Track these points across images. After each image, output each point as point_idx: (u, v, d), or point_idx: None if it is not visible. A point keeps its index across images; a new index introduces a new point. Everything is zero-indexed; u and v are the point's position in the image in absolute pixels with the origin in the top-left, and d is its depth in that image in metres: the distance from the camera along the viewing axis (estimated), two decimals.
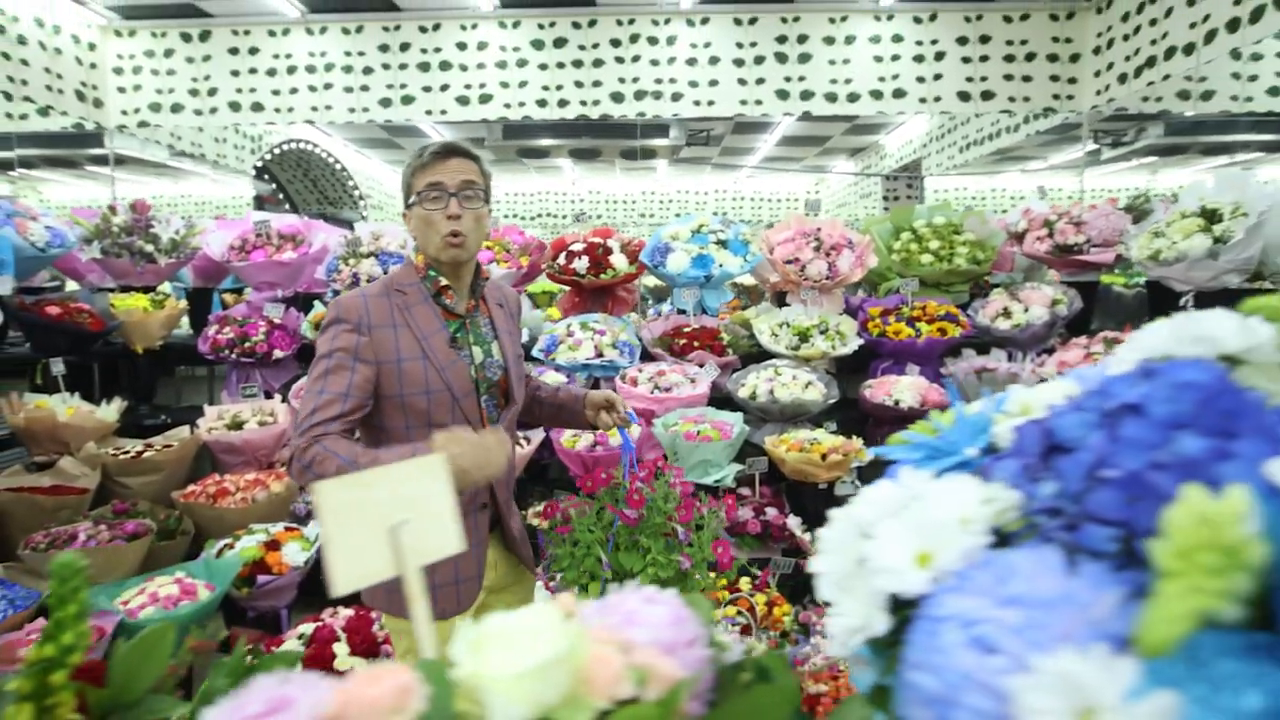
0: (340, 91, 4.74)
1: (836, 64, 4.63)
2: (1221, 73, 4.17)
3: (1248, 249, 2.87)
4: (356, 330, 1.45)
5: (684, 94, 4.69)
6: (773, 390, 3.36)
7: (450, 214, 1.46)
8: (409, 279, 1.54)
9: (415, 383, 1.46)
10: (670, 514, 1.50)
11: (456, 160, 1.47)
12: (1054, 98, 4.60)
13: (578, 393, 1.75)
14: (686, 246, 4.05)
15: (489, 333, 1.60)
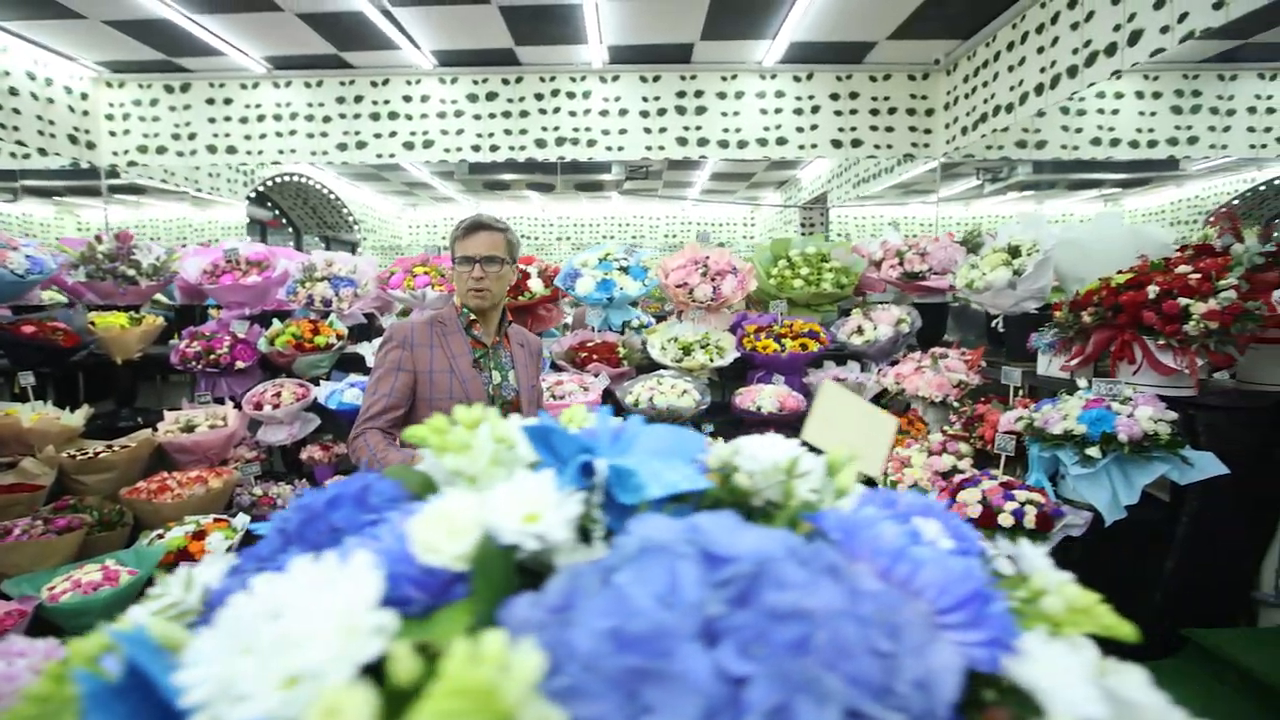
0: (303, 137, 4.72)
1: (728, 115, 4.65)
2: (1052, 125, 4.22)
3: (1038, 280, 2.91)
4: (401, 347, 1.70)
5: (597, 140, 4.70)
6: (652, 397, 3.37)
7: (475, 276, 1.70)
8: (449, 315, 1.79)
9: (442, 390, 1.66)
10: None
11: (482, 235, 1.71)
12: (913, 145, 4.64)
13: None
14: (593, 272, 4.05)
15: (508, 363, 1.78)
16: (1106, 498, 2.03)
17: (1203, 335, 2.02)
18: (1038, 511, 2.10)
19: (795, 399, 3.45)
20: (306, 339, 3.69)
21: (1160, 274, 2.20)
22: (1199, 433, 2.07)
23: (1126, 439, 2.01)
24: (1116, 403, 2.13)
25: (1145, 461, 2.01)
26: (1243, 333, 2.00)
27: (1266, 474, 2.10)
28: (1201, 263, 2.17)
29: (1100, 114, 4.16)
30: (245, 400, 3.73)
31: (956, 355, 3.39)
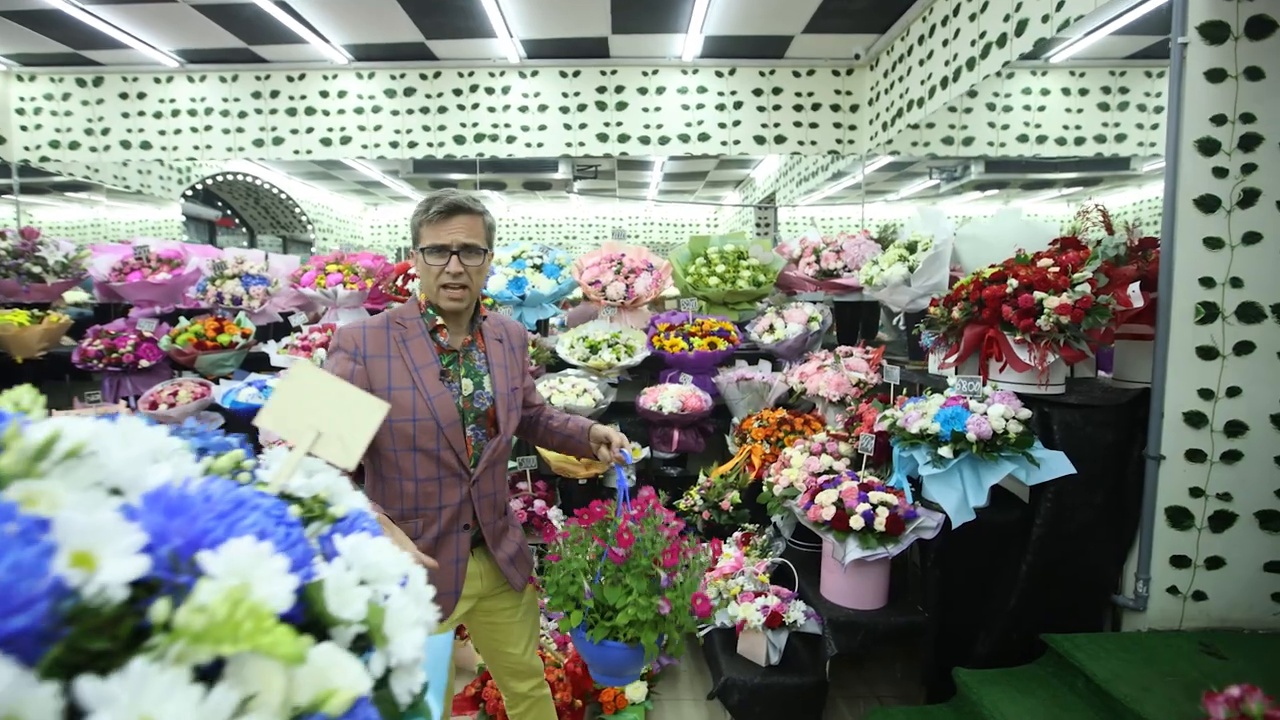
0: (219, 132, 4.61)
1: (649, 111, 4.56)
2: (978, 122, 4.13)
3: (932, 276, 2.81)
4: (353, 359, 1.40)
5: (517, 136, 4.60)
6: (550, 397, 3.25)
7: (451, 270, 1.38)
8: (410, 314, 1.47)
9: (404, 410, 1.38)
10: (656, 556, 1.32)
11: (460, 219, 1.37)
12: (837, 142, 4.56)
13: (584, 424, 1.61)
14: (506, 270, 3.93)
15: (482, 366, 1.49)
16: (956, 499, 1.93)
17: (1054, 330, 1.93)
18: (889, 513, 2.00)
19: (699, 398, 3.34)
20: (209, 337, 3.57)
21: (1024, 267, 2.11)
22: (1054, 432, 1.97)
23: (975, 437, 1.91)
24: (975, 400, 2.04)
25: (994, 461, 1.91)
26: (1094, 328, 1.90)
27: (1125, 473, 2.01)
28: (1064, 256, 2.08)
29: (1027, 110, 4.08)
30: (141, 400, 3.60)
31: (860, 354, 3.30)
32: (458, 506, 1.42)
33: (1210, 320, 1.87)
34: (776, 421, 2.99)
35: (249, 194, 8.07)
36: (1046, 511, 1.97)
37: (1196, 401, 1.89)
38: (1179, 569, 1.94)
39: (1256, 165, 1.84)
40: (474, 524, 1.47)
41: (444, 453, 1.38)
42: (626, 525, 1.35)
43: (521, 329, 1.65)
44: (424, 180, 8.08)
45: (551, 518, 3.01)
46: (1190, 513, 1.92)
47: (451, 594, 1.45)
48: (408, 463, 1.38)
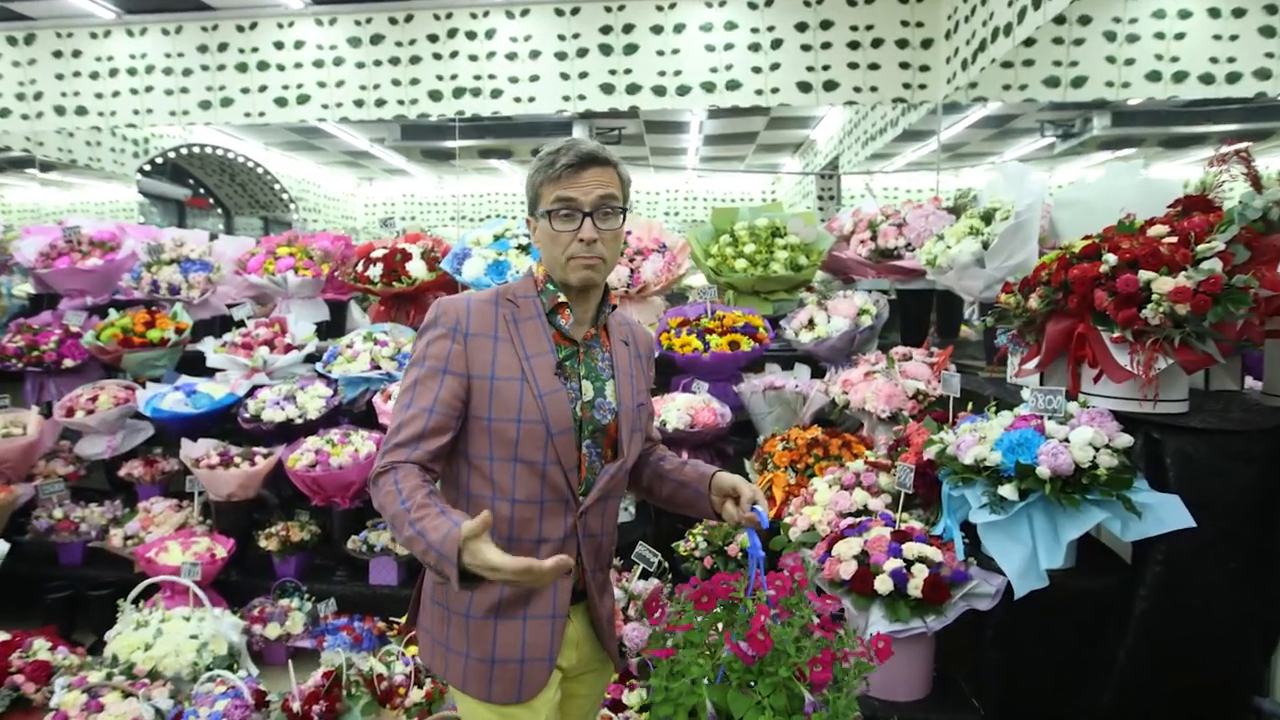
0: (160, 94, 4.69)
1: (665, 55, 4.37)
2: (1093, 56, 3.79)
3: (1013, 255, 2.54)
4: (450, 336, 1.32)
5: (504, 90, 4.49)
6: None
7: (585, 237, 1.30)
8: (525, 290, 1.40)
9: (508, 406, 1.30)
10: (801, 666, 1.16)
11: (594, 171, 1.30)
12: (905, 88, 4.25)
13: (705, 471, 1.48)
14: (485, 252, 3.82)
15: (605, 369, 1.42)
16: (1022, 557, 1.68)
17: (1166, 324, 1.64)
18: (929, 574, 1.75)
19: (713, 412, 3.13)
20: (137, 332, 3.58)
21: (1127, 238, 1.83)
22: (1168, 467, 1.68)
23: (1050, 473, 1.65)
24: (1054, 421, 1.77)
25: (1077, 507, 1.64)
26: (1226, 320, 1.61)
27: (1275, 527, 1.70)
28: (1186, 221, 1.78)
29: (1159, 39, 3.69)
30: (58, 406, 3.64)
31: (922, 357, 3.02)
32: (560, 543, 1.33)
33: None
34: (806, 443, 2.74)
35: (222, 169, 8.27)
36: (1155, 578, 1.68)
37: None
38: None
39: None
40: (576, 570, 1.36)
41: (550, 468, 1.31)
42: (763, 621, 1.17)
43: (649, 336, 1.58)
44: (414, 149, 8.15)
45: None
46: None
47: (545, 662, 1.32)
48: (505, 477, 1.30)
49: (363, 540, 3.10)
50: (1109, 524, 1.63)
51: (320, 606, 2.97)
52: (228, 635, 2.60)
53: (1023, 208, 2.49)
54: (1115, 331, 1.74)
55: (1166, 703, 1.72)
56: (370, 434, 3.22)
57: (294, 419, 3.24)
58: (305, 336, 3.72)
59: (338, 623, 2.89)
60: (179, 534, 3.12)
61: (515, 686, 1.30)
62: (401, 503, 1.19)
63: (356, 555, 3.08)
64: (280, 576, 3.10)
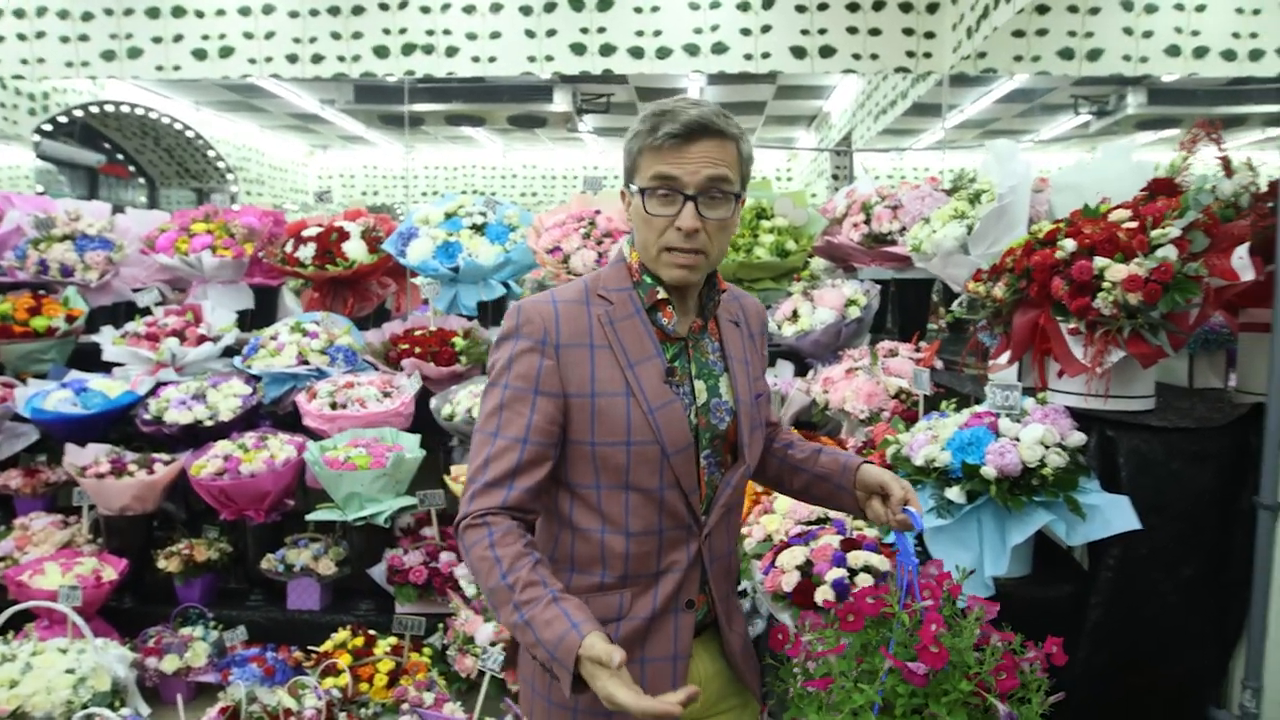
0: (54, 42, 4.83)
1: (643, 12, 4.57)
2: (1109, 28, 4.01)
3: (998, 241, 2.74)
4: (539, 349, 1.28)
5: (460, 48, 4.69)
6: (472, 409, 3.30)
7: (683, 225, 1.24)
8: (618, 282, 1.35)
9: (614, 428, 1.27)
10: (983, 677, 1.16)
11: (705, 144, 1.24)
12: (908, 55, 4.46)
13: (845, 461, 1.45)
14: (434, 232, 4.02)
15: (717, 363, 1.39)
16: (969, 563, 1.86)
17: (1118, 314, 1.84)
18: (873, 585, 1.95)
19: None
20: (19, 320, 3.75)
21: (1090, 222, 2.03)
22: (1120, 466, 1.88)
23: (996, 473, 1.84)
24: (1009, 419, 1.97)
25: (1024, 509, 1.84)
26: (1175, 310, 1.81)
27: (1231, 532, 1.89)
28: (1150, 206, 1.98)
29: (1179, 11, 3.91)
30: None
31: (909, 352, 3.22)
32: (683, 573, 1.32)
33: None
34: None
35: (144, 132, 8.44)
36: (1108, 585, 1.88)
37: None
38: None
39: None
40: (701, 600, 1.37)
41: (668, 493, 1.29)
42: (933, 632, 1.17)
43: (759, 306, 1.54)
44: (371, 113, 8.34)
45: (461, 577, 3.05)
46: None
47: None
48: (616, 507, 1.29)
49: (280, 559, 3.15)
50: (1054, 526, 1.82)
51: (228, 635, 3.02)
52: (112, 669, 2.62)
53: (1005, 189, 2.69)
54: (1071, 322, 1.94)
55: (1119, 713, 1.91)
56: (291, 438, 3.35)
57: (203, 421, 3.32)
58: (223, 327, 3.85)
59: (248, 653, 2.95)
60: (60, 554, 3.14)
61: None
62: (502, 577, 1.17)
63: (273, 576, 3.14)
64: (183, 602, 3.16)
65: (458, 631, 2.77)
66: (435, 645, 2.92)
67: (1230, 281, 1.82)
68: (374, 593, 3.17)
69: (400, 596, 3.07)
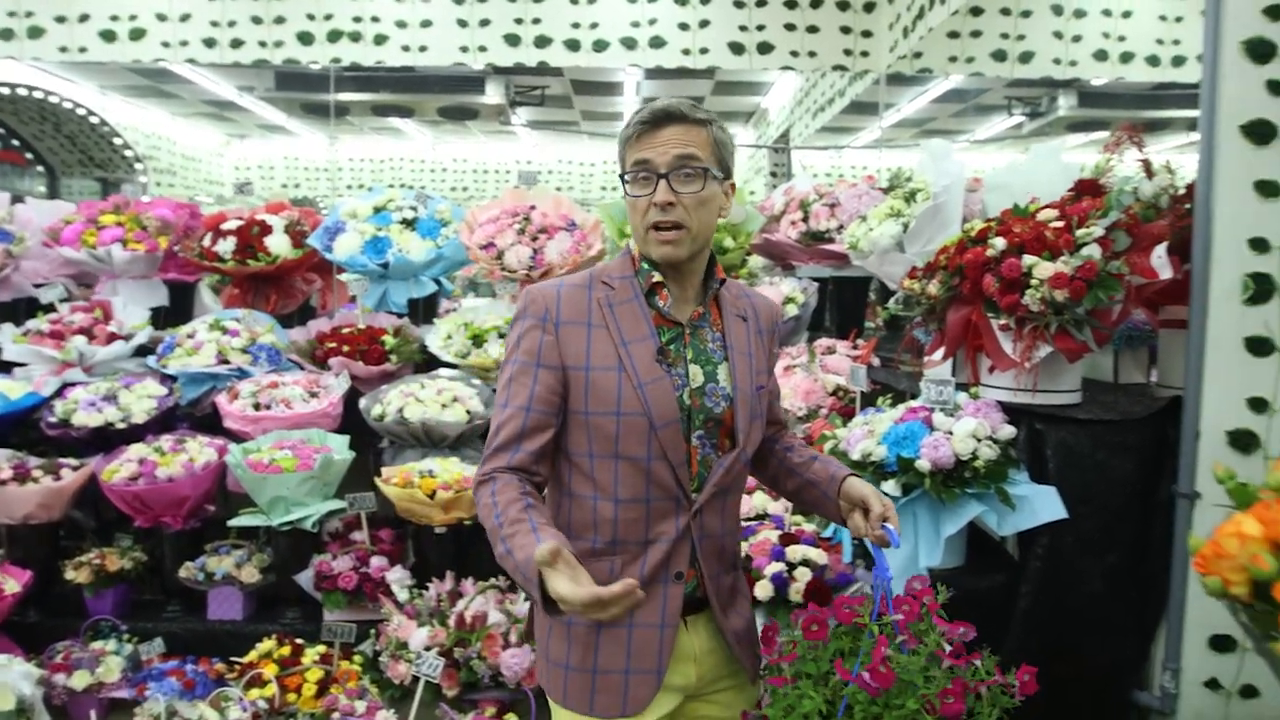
0: None
1: (580, 4, 4.60)
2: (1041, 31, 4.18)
3: (933, 239, 2.85)
4: (541, 326, 1.45)
5: (389, 36, 4.65)
6: (404, 409, 3.28)
7: (660, 200, 1.39)
8: (621, 270, 1.51)
9: (605, 400, 1.42)
10: (930, 699, 1.26)
11: (674, 129, 1.41)
12: (846, 54, 4.60)
13: (834, 472, 1.59)
14: (361, 226, 3.98)
15: (717, 350, 1.52)
16: (903, 556, 1.95)
17: (1046, 310, 1.94)
18: (811, 578, 2.02)
19: None
20: None
21: (1020, 221, 2.13)
22: (1048, 459, 1.98)
23: (930, 466, 1.92)
24: (943, 413, 2.05)
25: (957, 500, 1.93)
26: (1099, 307, 1.92)
27: (1152, 521, 2.01)
28: (1076, 206, 2.10)
29: (1106, 17, 4.11)
30: None
31: (847, 349, 3.32)
32: (670, 544, 1.44)
33: (1263, 299, 1.89)
34: None
35: (44, 117, 8.12)
36: (1037, 574, 1.98)
37: (1244, 415, 1.90)
38: (1221, 653, 1.95)
39: None
40: (691, 574, 1.47)
41: (655, 464, 1.42)
42: (884, 653, 1.29)
43: (773, 307, 1.67)
44: (294, 102, 8.18)
45: (393, 581, 3.03)
46: None
47: (653, 673, 1.42)
48: (606, 475, 1.44)
49: (199, 567, 3.07)
50: (986, 517, 1.91)
51: (144, 648, 2.94)
52: (16, 687, 2.55)
53: (939, 189, 2.80)
54: (1002, 318, 2.04)
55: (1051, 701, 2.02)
56: (212, 440, 3.27)
57: (115, 423, 3.23)
58: (135, 324, 3.75)
59: (165, 666, 2.87)
60: None
61: (620, 699, 1.41)
62: (496, 517, 1.33)
63: (192, 585, 3.06)
64: (94, 614, 3.06)
65: (390, 637, 2.75)
66: (366, 652, 2.89)
67: (1150, 279, 1.94)
68: (301, 600, 3.12)
69: (329, 603, 3.03)
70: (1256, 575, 0.77)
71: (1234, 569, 0.80)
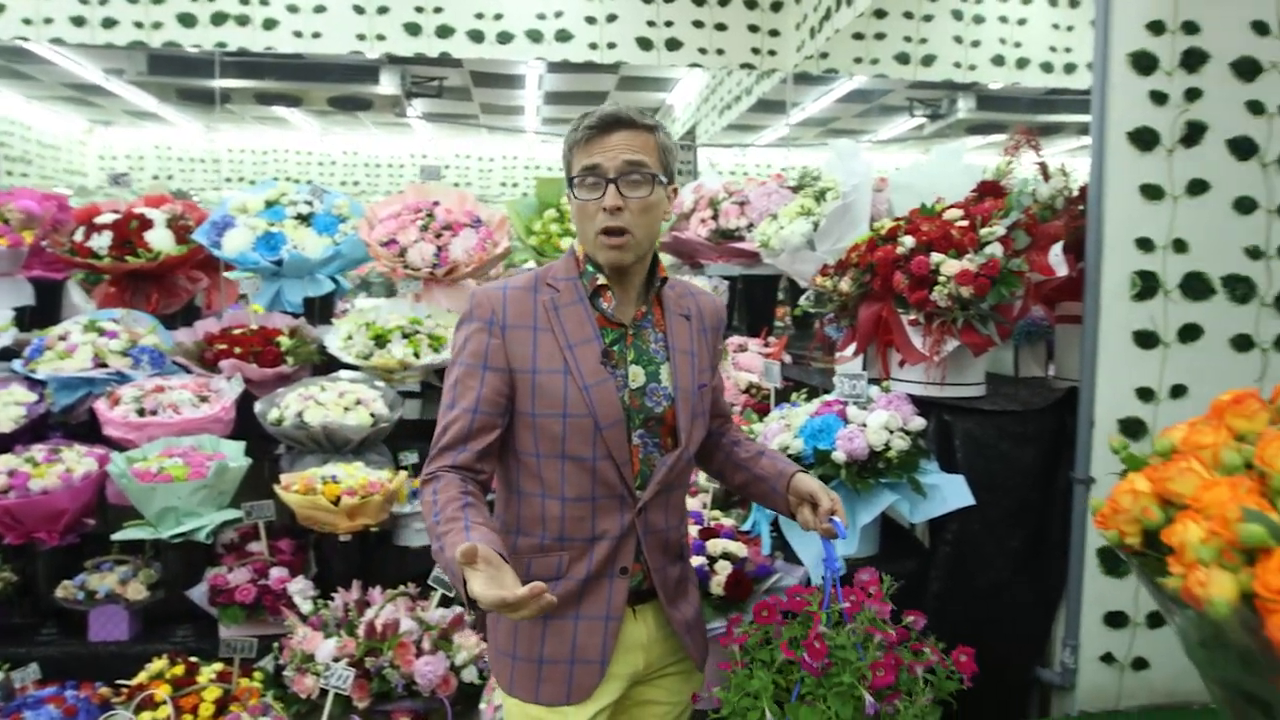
0: None
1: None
2: (942, 36, 4.39)
3: (843, 237, 2.97)
4: (487, 329, 1.50)
5: (280, 21, 4.56)
6: (303, 412, 3.22)
7: (608, 205, 1.45)
8: (566, 272, 1.57)
9: (551, 401, 1.49)
10: (863, 672, 1.38)
11: (622, 134, 1.47)
12: (754, 52, 4.76)
13: (783, 467, 1.68)
14: (253, 221, 3.88)
15: (659, 350, 1.59)
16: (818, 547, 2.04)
17: (953, 306, 2.08)
18: (732, 570, 2.09)
19: None
20: None
21: (927, 220, 2.27)
22: (956, 448, 2.12)
23: (845, 458, 2.03)
24: (856, 407, 2.17)
25: (871, 490, 2.04)
26: (1003, 303, 2.06)
27: (1052, 506, 2.17)
28: (979, 206, 2.24)
29: (1003, 24, 4.38)
30: None
31: (759, 346, 3.43)
32: (616, 540, 1.52)
33: (1149, 295, 2.07)
34: None
35: None
36: (946, 559, 2.11)
37: (1134, 405, 2.09)
38: (1115, 629, 2.13)
39: (1201, 91, 2.05)
40: (636, 568, 1.56)
41: (601, 463, 1.50)
42: (819, 629, 1.43)
43: (717, 304, 1.74)
44: (168, 87, 7.84)
45: (295, 593, 2.98)
46: None
47: (597, 663, 1.52)
48: (553, 474, 1.51)
49: (79, 586, 2.93)
50: (899, 506, 2.04)
51: (17, 675, 2.76)
52: None
53: (849, 188, 2.95)
54: (912, 314, 2.17)
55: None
56: (91, 449, 3.15)
57: None
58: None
59: (42, 694, 2.71)
60: None
61: (565, 688, 1.51)
62: (435, 515, 1.39)
63: (70, 606, 2.91)
64: None
65: (295, 650, 2.70)
66: (267, 668, 2.83)
67: (1047, 276, 2.11)
68: (194, 616, 3.03)
69: (225, 618, 2.95)
70: (1147, 525, 0.92)
71: (1128, 521, 0.95)
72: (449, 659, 2.61)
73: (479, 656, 2.67)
